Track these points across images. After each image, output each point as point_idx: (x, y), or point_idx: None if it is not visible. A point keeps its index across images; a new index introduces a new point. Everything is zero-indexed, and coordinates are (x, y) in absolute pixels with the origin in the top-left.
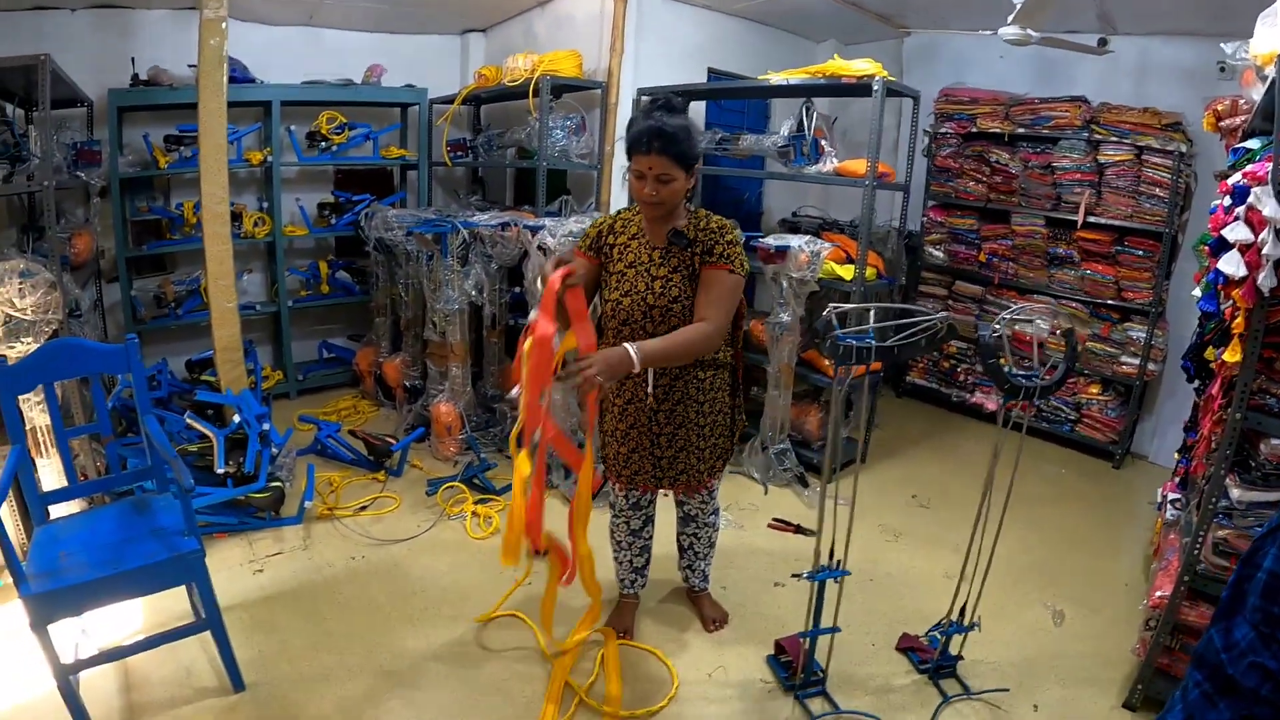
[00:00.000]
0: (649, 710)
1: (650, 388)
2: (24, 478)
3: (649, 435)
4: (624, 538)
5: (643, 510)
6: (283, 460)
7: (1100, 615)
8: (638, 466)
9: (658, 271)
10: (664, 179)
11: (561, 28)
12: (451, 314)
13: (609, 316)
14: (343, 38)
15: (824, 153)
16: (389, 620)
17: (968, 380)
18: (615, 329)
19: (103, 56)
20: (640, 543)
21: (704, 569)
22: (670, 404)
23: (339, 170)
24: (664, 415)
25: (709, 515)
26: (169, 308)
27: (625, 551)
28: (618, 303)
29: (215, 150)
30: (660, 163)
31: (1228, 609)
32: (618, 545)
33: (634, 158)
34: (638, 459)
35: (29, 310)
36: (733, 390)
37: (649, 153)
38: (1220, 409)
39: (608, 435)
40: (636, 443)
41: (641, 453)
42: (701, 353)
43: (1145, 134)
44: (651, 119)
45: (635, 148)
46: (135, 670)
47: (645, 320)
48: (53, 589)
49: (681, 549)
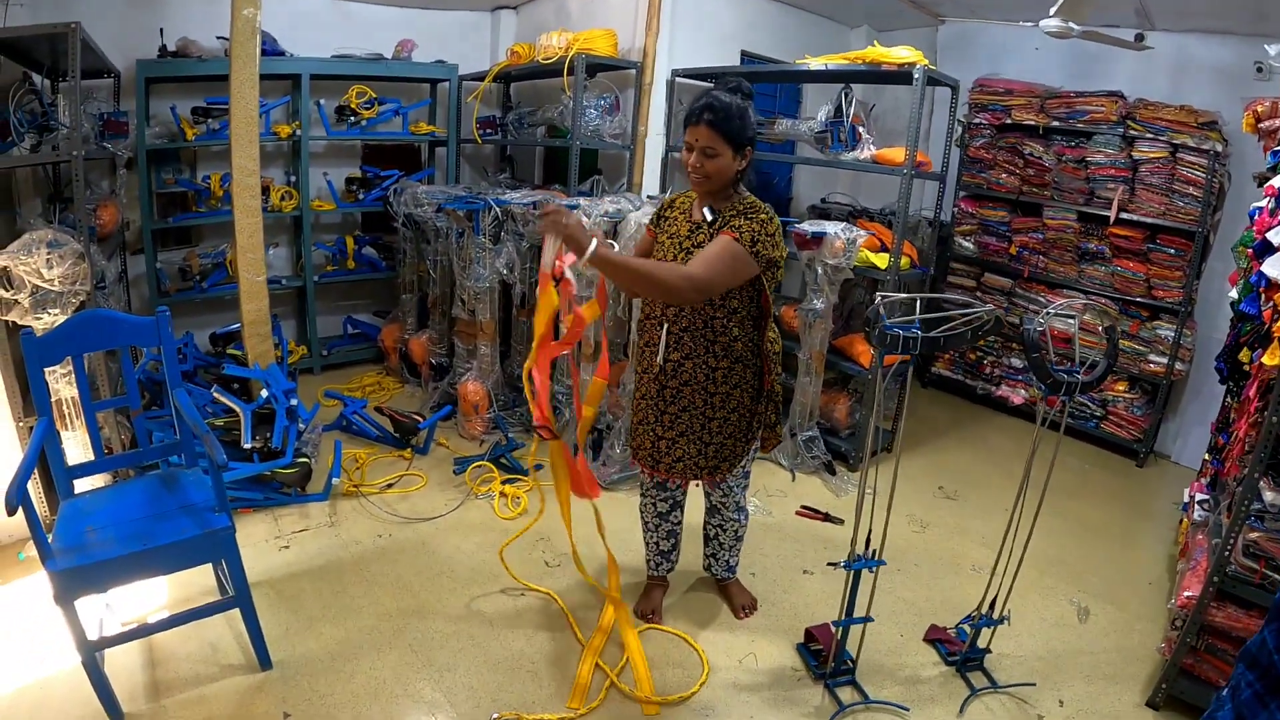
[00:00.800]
0: (682, 696)
1: (660, 357)
2: (50, 451)
3: (654, 409)
4: (650, 519)
5: (669, 494)
6: (309, 436)
7: (1124, 612)
8: (641, 441)
9: (686, 244)
10: (709, 152)
11: (594, 6)
12: (482, 292)
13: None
14: (373, 12)
15: (861, 140)
16: (417, 599)
17: (994, 373)
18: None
19: (130, 27)
20: (667, 526)
21: (728, 560)
22: (678, 382)
23: (367, 145)
24: (670, 393)
25: (731, 511)
26: (194, 280)
27: (652, 533)
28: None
29: (247, 121)
30: (707, 135)
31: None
32: (645, 526)
33: (686, 129)
34: (643, 432)
35: (56, 281)
36: (755, 394)
37: (698, 123)
38: (1256, 412)
39: (640, 422)
40: (644, 415)
41: (646, 426)
42: (661, 291)
43: (1181, 132)
44: (709, 94)
45: (688, 118)
46: (160, 646)
47: None
48: (80, 564)
49: (707, 538)
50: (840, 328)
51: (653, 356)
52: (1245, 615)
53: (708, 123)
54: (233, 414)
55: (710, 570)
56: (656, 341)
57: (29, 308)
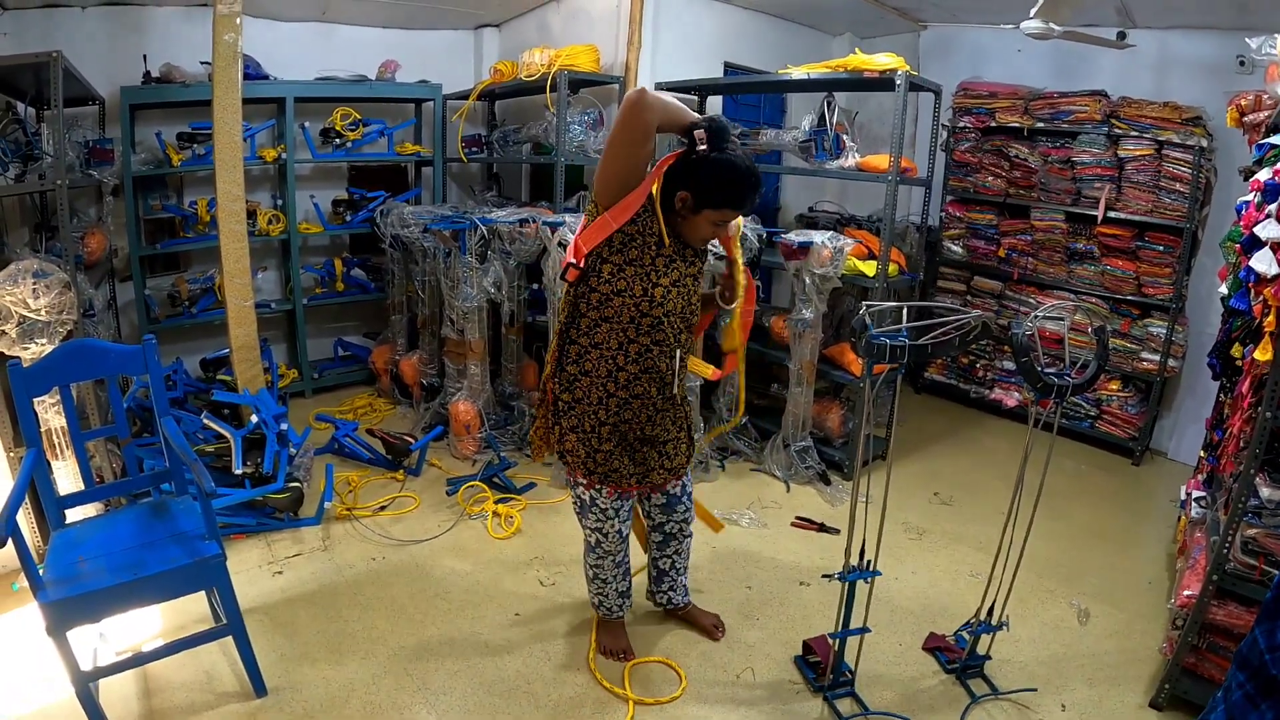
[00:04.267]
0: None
1: (676, 386)
2: (40, 481)
3: (647, 427)
4: (611, 548)
5: (627, 511)
6: (300, 460)
7: (1124, 613)
8: (619, 464)
9: (686, 270)
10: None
11: (577, 22)
12: (470, 311)
13: (655, 301)
14: (356, 33)
15: (845, 147)
16: (412, 622)
17: (987, 376)
18: (657, 317)
19: (114, 54)
20: (622, 556)
21: (685, 583)
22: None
23: (353, 167)
24: (671, 403)
25: (687, 530)
26: (183, 306)
27: (610, 574)
28: (668, 290)
29: (230, 146)
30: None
31: (1272, 609)
32: (599, 568)
33: (727, 210)
34: (619, 456)
35: (43, 311)
36: None
37: (745, 209)
38: (1250, 407)
39: (587, 434)
40: (625, 442)
41: (628, 454)
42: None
43: (1165, 128)
44: (749, 166)
45: (735, 203)
46: (155, 675)
47: (684, 311)
48: (71, 595)
49: (662, 573)
50: (830, 337)
51: (656, 385)
52: (1246, 612)
53: (751, 206)
54: (223, 440)
55: (670, 603)
56: (664, 368)
57: (16, 338)
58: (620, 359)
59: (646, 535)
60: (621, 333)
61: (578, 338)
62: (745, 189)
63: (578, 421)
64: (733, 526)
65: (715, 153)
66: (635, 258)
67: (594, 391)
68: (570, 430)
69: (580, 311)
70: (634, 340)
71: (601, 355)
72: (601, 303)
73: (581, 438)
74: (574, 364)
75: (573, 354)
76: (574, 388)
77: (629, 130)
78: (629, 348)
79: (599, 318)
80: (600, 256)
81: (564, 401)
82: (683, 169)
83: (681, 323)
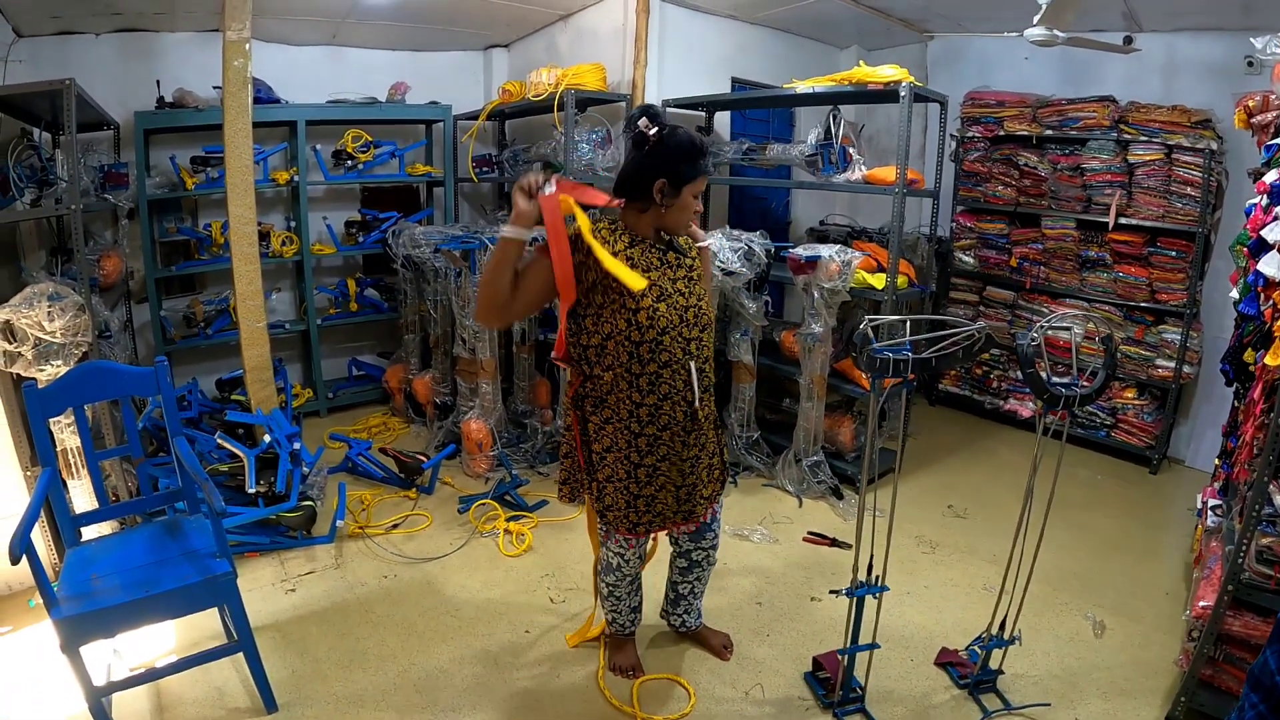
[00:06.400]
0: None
1: (696, 401)
2: (56, 500)
3: (677, 461)
4: (630, 573)
5: (648, 540)
6: (314, 479)
7: (1141, 624)
8: (662, 506)
9: (675, 275)
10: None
11: (584, 41)
12: (480, 330)
13: (645, 326)
14: (366, 56)
15: (852, 160)
16: (423, 639)
17: (1001, 387)
18: (654, 339)
19: (128, 80)
20: (639, 576)
21: (700, 606)
22: (699, 419)
23: (365, 188)
24: (694, 435)
25: (715, 554)
26: (199, 327)
27: (624, 593)
28: (653, 309)
29: (241, 170)
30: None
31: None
32: (613, 590)
33: (700, 179)
34: (663, 498)
35: (58, 333)
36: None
37: (707, 172)
38: (1262, 414)
39: (624, 480)
40: (666, 477)
41: (669, 490)
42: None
43: (1175, 132)
44: (691, 133)
45: (704, 167)
46: (167, 691)
47: (683, 324)
48: (84, 612)
49: (679, 596)
50: (841, 351)
51: (680, 408)
52: (1263, 623)
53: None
54: (238, 459)
55: (684, 625)
56: (681, 386)
57: (32, 360)
58: (635, 396)
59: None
60: (626, 370)
61: (591, 391)
62: (703, 152)
63: (612, 471)
64: (744, 542)
65: (663, 130)
66: (609, 300)
67: (621, 436)
68: (607, 480)
69: (589, 364)
70: (642, 373)
71: (618, 398)
72: (600, 352)
73: (619, 486)
74: (595, 414)
75: (589, 406)
76: (601, 437)
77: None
78: (639, 381)
79: (604, 367)
80: (578, 316)
81: (595, 453)
82: (646, 161)
83: (689, 331)
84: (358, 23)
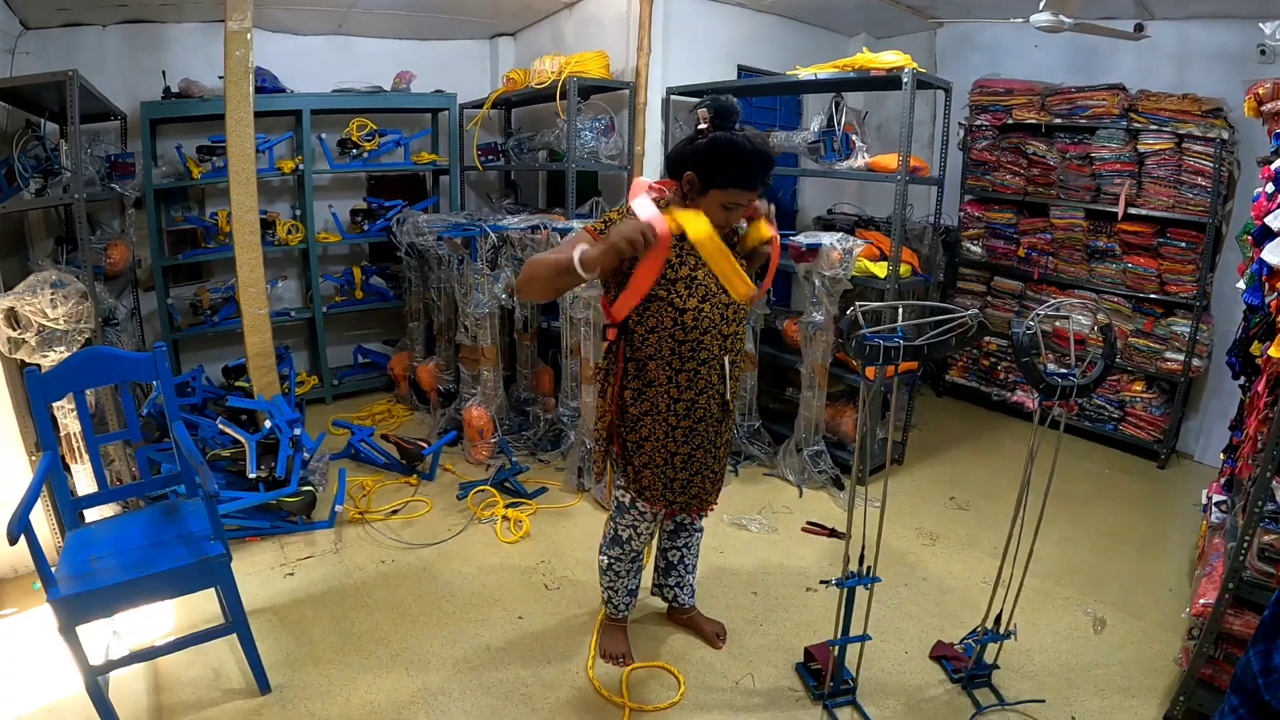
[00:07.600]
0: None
1: (728, 393)
2: (58, 484)
3: (710, 446)
4: (633, 552)
5: (658, 515)
6: (315, 465)
7: (1143, 621)
8: (698, 489)
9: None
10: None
11: (589, 29)
12: (482, 318)
13: (689, 326)
14: (372, 45)
15: (855, 148)
16: (416, 624)
17: (1008, 378)
18: (696, 339)
19: (135, 70)
20: (642, 554)
21: (692, 582)
22: (733, 404)
23: (371, 176)
24: (725, 425)
25: (698, 523)
26: (205, 315)
27: (624, 573)
28: (699, 310)
29: (243, 159)
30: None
31: (1268, 630)
32: (614, 570)
33: (734, 190)
34: (699, 481)
35: (61, 320)
36: None
37: (755, 188)
38: (1266, 407)
39: (660, 467)
40: (701, 463)
41: (704, 474)
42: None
43: (1185, 121)
44: (755, 145)
45: (744, 181)
46: (164, 671)
47: (723, 322)
48: (80, 592)
49: (670, 565)
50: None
51: (716, 401)
52: None
53: (763, 184)
54: (239, 445)
55: (676, 600)
56: (716, 380)
57: (36, 346)
58: (674, 391)
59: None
60: (668, 365)
61: (629, 382)
62: (751, 166)
63: (649, 459)
64: (742, 531)
65: (719, 132)
66: (660, 294)
67: (659, 428)
68: (644, 467)
69: (627, 355)
70: (682, 369)
71: (657, 391)
72: (642, 342)
73: (656, 472)
74: (634, 405)
75: (629, 397)
76: (639, 427)
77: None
78: (678, 378)
79: (644, 357)
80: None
81: (631, 442)
82: (687, 149)
83: (727, 328)
84: (364, 12)
